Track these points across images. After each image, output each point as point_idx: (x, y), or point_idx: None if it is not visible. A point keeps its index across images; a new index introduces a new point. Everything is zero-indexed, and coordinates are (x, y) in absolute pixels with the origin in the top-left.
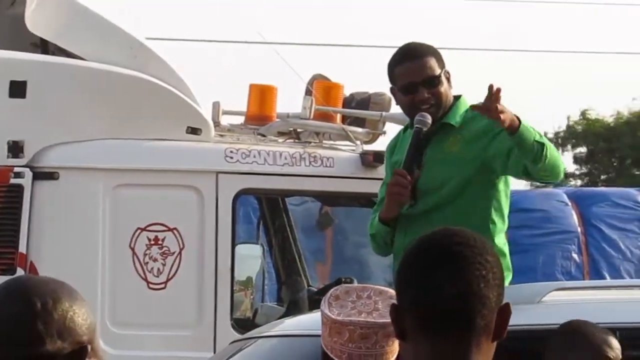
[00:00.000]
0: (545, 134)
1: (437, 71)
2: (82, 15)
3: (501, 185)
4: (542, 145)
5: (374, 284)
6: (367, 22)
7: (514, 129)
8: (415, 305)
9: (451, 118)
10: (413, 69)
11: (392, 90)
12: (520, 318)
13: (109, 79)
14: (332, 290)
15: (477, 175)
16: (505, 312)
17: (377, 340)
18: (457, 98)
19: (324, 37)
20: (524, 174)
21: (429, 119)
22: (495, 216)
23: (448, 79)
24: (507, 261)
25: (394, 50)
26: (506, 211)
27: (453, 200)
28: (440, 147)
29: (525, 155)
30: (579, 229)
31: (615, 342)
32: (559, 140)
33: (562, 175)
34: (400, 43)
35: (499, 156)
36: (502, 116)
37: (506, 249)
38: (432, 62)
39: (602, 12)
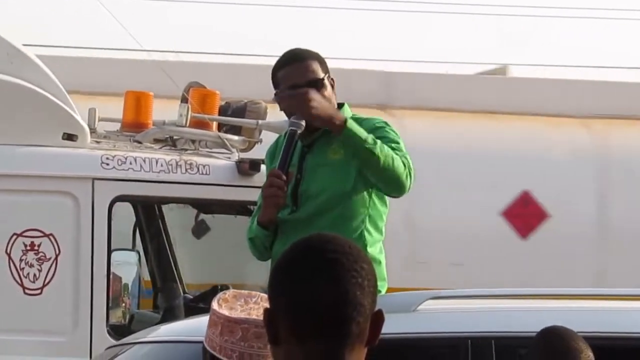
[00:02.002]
0: None
1: (321, 74)
2: None
3: (380, 195)
4: (371, 152)
5: (250, 291)
6: (244, 32)
7: (335, 127)
8: (290, 312)
9: None
10: (296, 71)
11: (275, 95)
12: (396, 327)
13: None
14: (220, 293)
15: (357, 183)
16: (378, 318)
17: None
18: (340, 106)
19: (198, 45)
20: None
21: (303, 121)
22: (371, 226)
23: (332, 86)
24: (382, 270)
25: (272, 59)
26: (383, 221)
27: (332, 208)
28: (323, 154)
29: (356, 159)
30: None
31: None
32: None
33: (405, 190)
34: (279, 52)
35: None
36: (313, 111)
37: (382, 258)
38: (316, 65)
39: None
